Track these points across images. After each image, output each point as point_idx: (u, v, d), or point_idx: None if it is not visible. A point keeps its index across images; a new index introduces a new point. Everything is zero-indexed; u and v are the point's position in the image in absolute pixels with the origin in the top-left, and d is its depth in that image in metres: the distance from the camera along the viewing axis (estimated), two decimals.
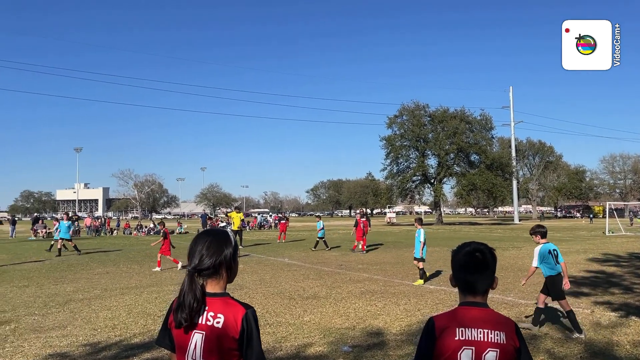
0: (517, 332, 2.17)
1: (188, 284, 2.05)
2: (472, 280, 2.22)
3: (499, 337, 2.12)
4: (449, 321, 2.18)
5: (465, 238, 30.98)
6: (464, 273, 2.24)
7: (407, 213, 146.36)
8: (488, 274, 2.23)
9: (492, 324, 2.15)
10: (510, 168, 59.60)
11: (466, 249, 2.27)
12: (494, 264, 2.25)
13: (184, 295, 2.03)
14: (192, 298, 2.02)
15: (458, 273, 2.27)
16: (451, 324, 2.16)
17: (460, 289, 2.27)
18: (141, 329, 7.54)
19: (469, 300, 2.23)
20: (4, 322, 8.07)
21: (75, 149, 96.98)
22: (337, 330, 7.29)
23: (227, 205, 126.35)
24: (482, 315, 2.17)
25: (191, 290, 2.03)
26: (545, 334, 7.02)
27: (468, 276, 2.23)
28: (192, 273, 2.07)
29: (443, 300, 9.53)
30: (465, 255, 2.25)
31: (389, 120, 58.75)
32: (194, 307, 2.02)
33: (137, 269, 15.60)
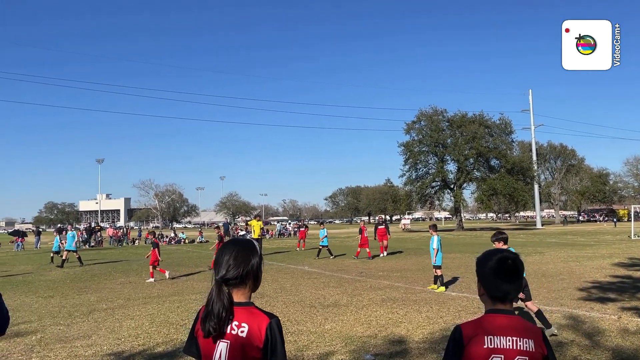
0: (544, 339, 2.15)
1: (216, 293, 2.07)
2: (504, 289, 2.19)
3: (527, 344, 2.10)
4: (477, 329, 2.15)
5: (488, 244, 30.53)
6: (496, 281, 2.20)
7: (427, 219, 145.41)
8: (519, 282, 2.21)
9: (521, 332, 2.12)
10: (531, 172, 58.80)
11: (497, 257, 2.24)
12: (523, 270, 2.25)
13: (212, 304, 2.04)
14: (221, 307, 2.03)
15: (491, 282, 2.22)
16: (479, 332, 2.13)
17: (489, 296, 2.23)
18: (164, 338, 7.59)
19: (497, 308, 2.20)
20: (31, 332, 8.20)
21: (97, 160, 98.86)
22: (358, 338, 7.25)
23: (247, 213, 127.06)
24: (510, 323, 2.15)
25: (220, 300, 2.05)
26: (571, 340, 6.89)
27: (500, 284, 2.19)
28: (220, 282, 2.09)
29: (466, 308, 9.42)
30: (497, 262, 2.22)
31: (407, 126, 58.53)
32: (222, 316, 2.03)
33: (159, 278, 15.73)
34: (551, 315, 8.44)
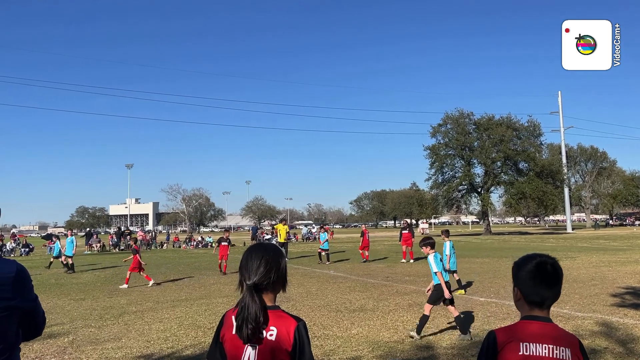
0: (581, 348, 2.09)
1: (250, 298, 2.07)
2: (542, 294, 2.14)
3: (564, 353, 2.04)
4: (512, 335, 2.11)
5: (516, 248, 30.20)
6: (537, 287, 2.14)
7: (454, 223, 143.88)
8: (558, 287, 2.16)
9: (557, 340, 2.07)
10: (561, 175, 57.62)
11: (536, 261, 2.19)
12: (562, 276, 2.19)
13: (247, 309, 2.05)
14: (258, 312, 2.04)
15: (529, 287, 2.16)
16: (514, 338, 2.09)
17: (526, 301, 2.17)
18: (192, 341, 7.68)
19: (534, 315, 2.14)
20: (63, 333, 8.39)
21: (127, 166, 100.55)
22: (385, 343, 7.21)
23: (272, 217, 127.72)
24: (546, 330, 2.10)
25: (255, 305, 2.05)
26: (604, 348, 6.71)
27: (538, 290, 2.14)
28: (252, 288, 2.10)
29: (495, 313, 9.27)
30: (535, 267, 2.17)
31: (433, 129, 58.03)
32: (260, 321, 2.04)
33: (187, 281, 15.94)
34: (583, 322, 8.25)
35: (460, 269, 17.40)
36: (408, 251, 21.60)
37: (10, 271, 2.00)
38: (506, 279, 14.31)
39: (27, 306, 2.07)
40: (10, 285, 1.98)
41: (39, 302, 2.17)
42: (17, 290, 2.01)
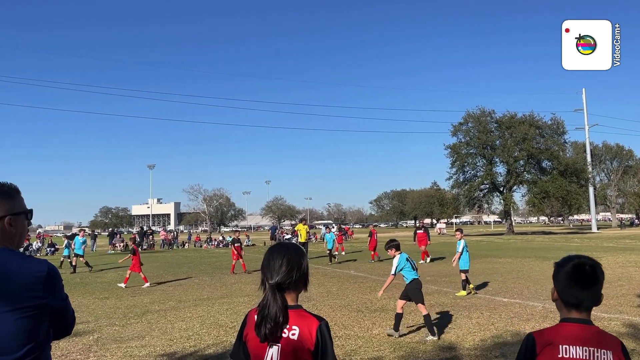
0: (623, 351, 2.04)
1: (272, 298, 2.08)
2: (580, 296, 2.09)
3: (605, 356, 2.00)
4: (552, 338, 2.07)
5: (540, 248, 29.73)
6: (572, 287, 2.11)
7: (475, 223, 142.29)
8: (597, 289, 2.11)
9: (598, 342, 2.03)
10: (585, 174, 56.52)
11: (574, 262, 2.15)
12: (603, 279, 2.13)
13: (268, 308, 2.06)
14: (278, 311, 2.05)
15: (565, 287, 2.13)
16: (554, 341, 2.05)
17: (564, 304, 2.14)
18: (214, 340, 7.74)
19: (573, 317, 2.10)
20: (88, 332, 8.53)
21: (149, 166, 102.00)
22: (407, 344, 7.16)
23: (292, 217, 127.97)
24: (587, 333, 2.05)
25: (276, 304, 2.06)
26: (632, 350, 6.55)
27: (576, 291, 2.10)
28: (274, 287, 2.10)
29: (518, 314, 9.14)
30: (573, 268, 2.13)
31: (454, 127, 57.47)
32: (280, 320, 2.05)
33: (208, 280, 16.07)
34: (610, 323, 8.07)
35: (483, 268, 17.22)
36: (421, 252, 21.37)
37: (42, 270, 2.04)
38: (530, 280, 14.10)
39: (58, 305, 2.11)
40: (41, 284, 2.01)
41: (69, 301, 2.20)
42: (49, 289, 2.04)
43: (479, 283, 13.62)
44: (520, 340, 7.39)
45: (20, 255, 2.09)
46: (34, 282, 2.00)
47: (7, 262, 2.00)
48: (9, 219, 2.11)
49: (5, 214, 2.11)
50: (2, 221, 2.10)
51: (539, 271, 16.40)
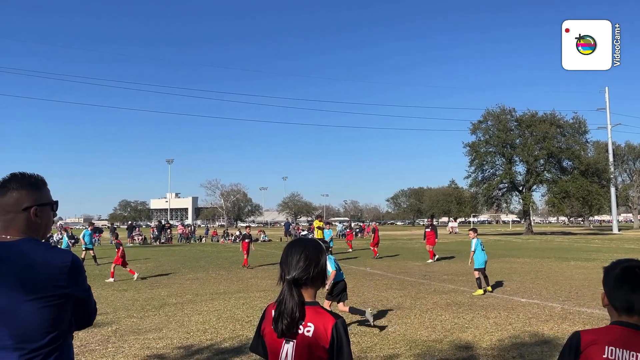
0: None
1: (289, 293, 2.07)
2: (629, 299, 2.06)
3: None
4: (598, 338, 2.05)
5: (559, 249, 29.31)
6: (621, 290, 2.08)
7: (493, 222, 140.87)
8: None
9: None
10: (607, 174, 55.53)
11: (623, 265, 2.11)
12: None
13: (285, 304, 2.05)
14: (294, 307, 2.04)
15: (614, 290, 2.10)
16: (600, 341, 2.03)
17: (614, 308, 2.11)
18: (230, 333, 7.79)
19: (622, 320, 2.06)
20: (107, 323, 8.65)
21: (167, 161, 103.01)
22: (423, 342, 7.12)
23: (308, 213, 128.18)
24: (636, 338, 2.01)
25: (292, 300, 2.05)
26: None
27: (625, 294, 2.06)
28: (291, 283, 2.10)
29: (536, 315, 9.03)
30: (621, 271, 2.10)
31: (473, 125, 56.93)
32: (296, 316, 2.04)
33: (225, 275, 16.18)
34: None
35: (501, 268, 17.05)
36: (428, 250, 21.00)
37: (66, 260, 2.07)
38: (549, 280, 13.92)
39: (81, 295, 2.14)
40: (66, 274, 2.04)
41: (91, 292, 2.24)
42: (72, 279, 2.07)
43: (496, 282, 13.49)
44: (538, 340, 7.33)
45: (45, 245, 2.12)
46: (58, 272, 2.03)
47: (32, 252, 2.04)
48: (35, 210, 2.14)
49: (32, 205, 2.14)
50: (28, 212, 2.13)
51: (558, 272, 16.19)
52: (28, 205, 2.13)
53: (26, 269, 1.99)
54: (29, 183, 2.15)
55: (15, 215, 2.10)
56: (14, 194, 2.10)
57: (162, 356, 6.58)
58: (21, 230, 2.10)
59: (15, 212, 2.10)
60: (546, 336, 7.37)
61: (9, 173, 2.18)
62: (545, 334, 7.54)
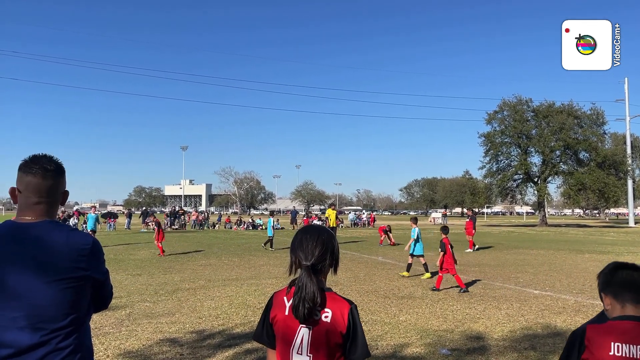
0: None
1: (308, 279, 2.05)
2: (634, 284, 2.11)
3: None
4: (603, 332, 2.03)
5: (574, 241, 29.06)
6: (621, 276, 2.15)
7: (507, 213, 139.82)
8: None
9: None
10: (624, 166, 54.70)
11: (615, 264, 2.23)
12: None
13: (305, 289, 2.03)
14: (316, 292, 2.03)
15: (614, 284, 2.15)
16: (606, 337, 2.01)
17: (618, 301, 2.11)
18: (242, 319, 7.85)
19: (628, 314, 2.04)
20: (121, 307, 8.76)
21: (182, 148, 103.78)
22: (434, 332, 7.11)
23: (321, 202, 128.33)
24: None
25: (313, 285, 2.04)
26: None
27: (627, 277, 2.13)
28: (310, 268, 2.09)
29: (549, 307, 8.96)
30: (615, 266, 2.21)
31: (489, 116, 56.37)
32: (318, 302, 2.03)
33: (237, 261, 16.28)
34: None
35: (514, 259, 16.96)
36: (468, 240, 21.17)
37: (87, 242, 2.10)
38: (562, 273, 13.81)
39: (100, 278, 2.18)
40: (86, 256, 2.08)
41: (109, 276, 2.27)
42: (92, 262, 2.11)
43: (512, 276, 13.42)
44: (550, 332, 7.28)
45: (67, 227, 2.16)
46: (79, 254, 2.05)
47: (54, 235, 2.06)
48: (66, 194, 2.23)
49: (65, 190, 2.22)
50: (63, 196, 2.20)
51: (572, 264, 16.04)
52: (64, 190, 2.20)
53: (47, 251, 2.02)
54: (60, 168, 2.19)
55: (53, 199, 2.14)
56: (54, 177, 2.14)
57: (174, 340, 6.66)
58: (45, 212, 2.12)
59: (55, 196, 2.15)
60: (559, 328, 7.32)
61: (39, 154, 2.17)
62: (557, 326, 7.49)
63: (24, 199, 2.11)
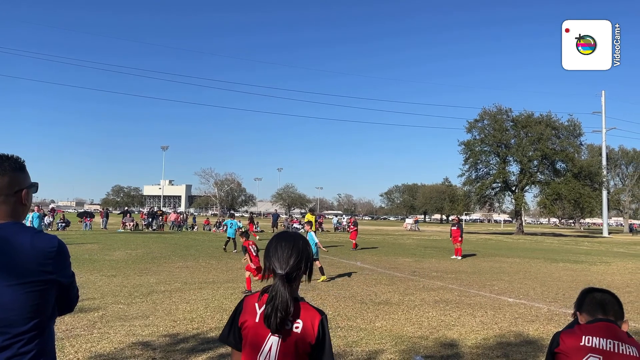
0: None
1: (282, 288, 2.04)
2: (601, 299, 2.54)
3: (630, 350, 2.24)
4: (575, 331, 2.41)
5: (549, 250, 29.46)
6: (591, 295, 2.59)
7: (485, 221, 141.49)
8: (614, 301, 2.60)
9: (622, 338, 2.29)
10: (600, 177, 55.93)
11: (587, 288, 2.70)
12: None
13: (279, 298, 2.02)
14: (289, 302, 2.02)
15: (585, 301, 2.58)
16: (577, 333, 2.38)
17: (589, 313, 2.50)
18: (217, 323, 7.78)
19: (599, 317, 2.42)
20: (94, 308, 8.62)
21: (162, 148, 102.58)
22: (409, 338, 7.14)
23: (302, 206, 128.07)
24: (611, 328, 2.34)
25: (286, 295, 2.03)
26: None
27: (596, 295, 2.57)
28: (284, 277, 2.07)
29: (523, 315, 9.07)
30: (588, 290, 2.68)
31: (469, 124, 57.17)
32: (290, 311, 2.03)
33: (215, 264, 16.15)
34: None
35: (490, 267, 17.15)
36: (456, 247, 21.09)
37: (53, 246, 2.05)
38: (537, 281, 14.00)
39: (65, 281, 2.13)
40: (52, 259, 2.03)
41: (74, 279, 2.22)
42: (58, 265, 2.06)
43: (484, 281, 13.55)
44: (522, 341, 7.36)
45: (31, 230, 2.10)
46: (45, 257, 2.01)
47: (18, 236, 2.01)
48: (26, 192, 2.14)
49: (22, 187, 2.13)
50: (19, 194, 2.11)
51: (547, 273, 16.28)
52: (19, 188, 2.11)
53: (11, 253, 1.96)
54: (18, 166, 2.13)
55: (5, 199, 2.07)
56: (6, 176, 2.07)
57: (147, 344, 6.56)
58: (7, 213, 2.07)
59: (6, 195, 2.07)
60: (531, 337, 7.41)
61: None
62: (530, 334, 7.58)
63: None
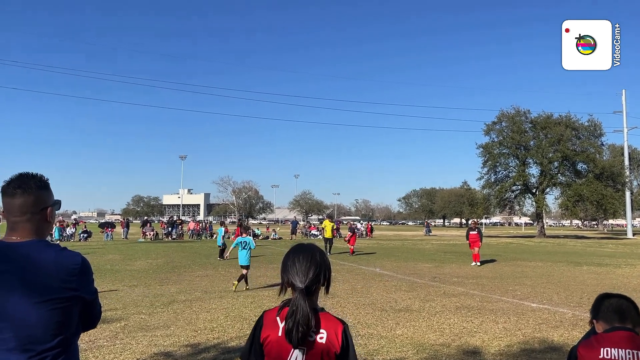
0: None
1: (302, 302, 2.04)
2: (618, 307, 2.48)
3: None
4: (593, 342, 2.35)
5: (572, 253, 28.97)
6: (608, 302, 2.53)
7: (506, 224, 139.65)
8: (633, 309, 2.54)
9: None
10: (622, 178, 54.80)
11: (603, 294, 2.67)
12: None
13: (300, 313, 2.01)
14: (310, 316, 2.02)
15: (601, 309, 2.53)
16: (595, 345, 2.32)
17: (606, 321, 2.46)
18: (237, 332, 7.79)
19: (616, 325, 2.37)
20: (116, 319, 8.70)
21: (180, 157, 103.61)
22: (430, 346, 7.06)
23: (319, 212, 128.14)
24: (630, 337, 2.29)
25: (307, 309, 2.03)
26: None
27: (613, 302, 2.52)
28: (304, 291, 2.07)
29: (547, 320, 8.92)
30: (605, 296, 2.62)
31: (487, 127, 56.53)
32: (312, 325, 2.03)
33: (234, 272, 16.18)
34: None
35: (512, 272, 16.91)
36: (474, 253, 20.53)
37: (77, 262, 2.09)
38: (560, 285, 13.77)
39: (89, 298, 2.16)
40: (76, 276, 2.06)
41: (97, 295, 2.25)
42: (82, 281, 2.09)
43: (507, 286, 13.37)
44: (547, 347, 7.23)
45: (55, 247, 2.14)
46: (69, 274, 2.04)
47: (43, 254, 2.05)
48: (50, 210, 2.18)
49: (47, 205, 2.17)
50: (44, 212, 2.15)
51: (570, 276, 16.00)
52: (44, 206, 2.16)
53: (36, 271, 2.00)
54: (43, 184, 2.18)
55: (31, 216, 2.11)
56: (32, 195, 2.12)
57: (169, 354, 6.60)
58: (31, 231, 2.11)
59: (32, 213, 2.12)
60: (556, 343, 7.28)
61: (18, 174, 2.19)
62: (555, 340, 7.45)
63: (7, 220, 2.12)
